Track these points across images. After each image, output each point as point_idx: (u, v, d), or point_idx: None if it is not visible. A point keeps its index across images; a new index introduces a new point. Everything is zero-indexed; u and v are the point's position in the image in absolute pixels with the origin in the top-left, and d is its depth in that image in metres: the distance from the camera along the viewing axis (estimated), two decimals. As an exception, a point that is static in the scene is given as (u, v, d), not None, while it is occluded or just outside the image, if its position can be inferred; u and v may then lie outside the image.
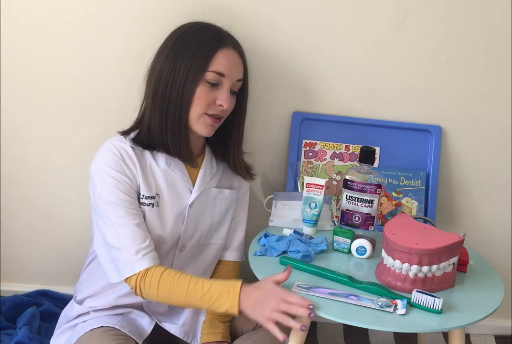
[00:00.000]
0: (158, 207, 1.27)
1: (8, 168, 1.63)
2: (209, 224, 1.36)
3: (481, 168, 1.64)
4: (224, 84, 1.25)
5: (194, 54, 1.23)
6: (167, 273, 1.17)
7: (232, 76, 1.26)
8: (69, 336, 1.29)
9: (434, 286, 1.18)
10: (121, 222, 1.20)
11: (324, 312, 1.07)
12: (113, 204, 1.21)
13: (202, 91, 1.23)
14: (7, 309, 1.60)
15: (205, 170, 1.34)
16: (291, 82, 1.56)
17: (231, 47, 1.27)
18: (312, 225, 1.41)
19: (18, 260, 1.74)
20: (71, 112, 1.57)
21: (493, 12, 1.50)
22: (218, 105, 1.25)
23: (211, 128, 1.27)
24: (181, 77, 1.22)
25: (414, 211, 1.57)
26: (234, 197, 1.42)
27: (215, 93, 1.25)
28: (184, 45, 1.24)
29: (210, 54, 1.23)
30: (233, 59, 1.26)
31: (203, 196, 1.33)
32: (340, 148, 1.60)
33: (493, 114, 1.59)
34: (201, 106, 1.24)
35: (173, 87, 1.23)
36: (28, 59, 1.52)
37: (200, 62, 1.22)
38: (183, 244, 1.32)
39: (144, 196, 1.25)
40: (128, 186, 1.23)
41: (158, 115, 1.24)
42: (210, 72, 1.22)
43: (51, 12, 1.48)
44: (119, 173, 1.22)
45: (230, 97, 1.26)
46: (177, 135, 1.25)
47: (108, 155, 1.23)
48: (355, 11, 1.49)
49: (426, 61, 1.54)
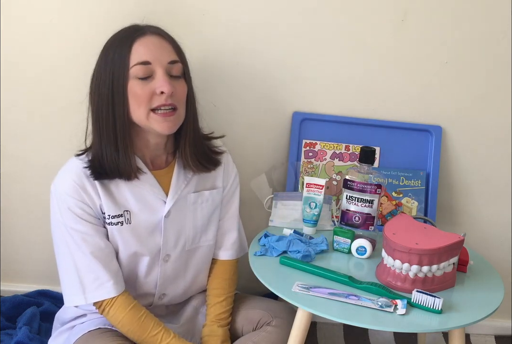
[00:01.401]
0: (129, 224, 1.22)
1: (8, 168, 1.63)
2: (192, 229, 1.30)
3: (481, 168, 1.64)
4: (156, 70, 1.14)
5: (113, 58, 1.15)
6: (132, 313, 1.19)
7: (160, 59, 1.14)
8: (66, 337, 1.29)
9: (434, 286, 1.18)
10: (76, 250, 1.18)
11: (324, 312, 1.07)
12: (71, 230, 1.18)
13: (134, 88, 1.13)
14: (7, 309, 1.60)
15: (177, 177, 1.27)
16: (291, 82, 1.56)
17: (148, 33, 1.16)
18: (312, 225, 1.41)
19: (18, 260, 1.74)
20: (71, 112, 1.57)
21: (493, 12, 1.50)
22: (159, 94, 1.14)
23: (166, 123, 1.16)
24: (106, 85, 1.14)
25: (414, 211, 1.57)
26: (217, 196, 1.34)
27: (151, 84, 1.14)
28: (106, 53, 1.17)
29: (126, 49, 1.13)
30: (154, 43, 1.15)
31: (180, 203, 1.27)
32: (340, 148, 1.60)
33: (493, 114, 1.59)
34: (142, 104, 1.14)
35: (104, 98, 1.15)
36: (28, 59, 1.52)
37: (119, 61, 1.13)
38: (167, 254, 1.28)
39: (110, 216, 1.20)
40: (87, 215, 1.18)
41: (99, 129, 1.18)
42: (134, 66, 1.13)
43: (51, 12, 1.48)
44: (78, 201, 1.17)
45: (168, 80, 1.14)
46: (114, 149, 1.16)
47: (67, 182, 1.18)
48: (355, 11, 1.49)
49: (426, 61, 1.54)
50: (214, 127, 1.45)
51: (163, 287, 1.31)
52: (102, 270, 1.18)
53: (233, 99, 1.57)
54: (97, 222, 1.20)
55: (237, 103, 1.58)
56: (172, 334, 1.22)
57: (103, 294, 1.18)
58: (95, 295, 1.19)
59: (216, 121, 1.54)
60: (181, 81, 1.19)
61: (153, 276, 1.28)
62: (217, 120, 1.55)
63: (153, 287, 1.30)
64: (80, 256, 1.18)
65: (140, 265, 1.26)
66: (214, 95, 1.53)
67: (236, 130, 1.60)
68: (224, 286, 1.37)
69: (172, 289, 1.33)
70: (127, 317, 1.19)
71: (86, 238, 1.18)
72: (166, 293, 1.33)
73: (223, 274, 1.39)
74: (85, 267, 1.18)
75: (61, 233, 1.19)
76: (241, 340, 1.30)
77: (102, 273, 1.18)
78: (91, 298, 1.19)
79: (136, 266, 1.26)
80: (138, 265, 1.26)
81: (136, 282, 1.28)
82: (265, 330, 1.29)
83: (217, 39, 1.51)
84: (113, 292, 1.19)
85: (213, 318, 1.32)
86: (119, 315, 1.19)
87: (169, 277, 1.30)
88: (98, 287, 1.18)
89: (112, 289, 1.18)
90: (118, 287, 1.20)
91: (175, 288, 1.33)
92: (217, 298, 1.35)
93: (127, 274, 1.26)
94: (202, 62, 1.49)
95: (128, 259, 1.24)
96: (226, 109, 1.58)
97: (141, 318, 1.20)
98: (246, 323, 1.34)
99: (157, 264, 1.28)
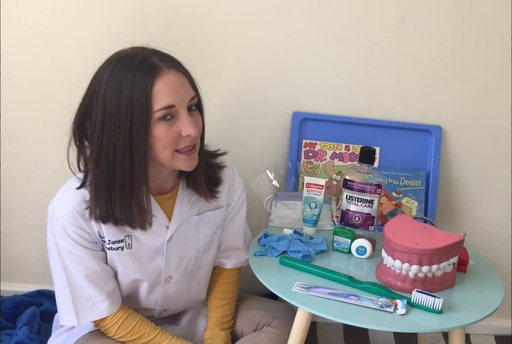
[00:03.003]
0: (130, 249, 1.19)
1: (8, 168, 1.63)
2: (195, 250, 1.28)
3: (481, 168, 1.63)
4: (179, 111, 1.08)
5: (130, 99, 1.04)
6: (127, 321, 1.20)
7: (183, 99, 1.08)
8: (66, 338, 1.29)
9: (434, 286, 1.17)
10: (71, 272, 1.16)
11: (324, 312, 1.07)
12: (66, 253, 1.15)
13: (158, 132, 1.06)
14: (7, 309, 1.60)
15: (181, 201, 1.23)
16: (291, 82, 1.56)
17: (165, 71, 1.06)
18: (312, 225, 1.41)
19: (18, 260, 1.74)
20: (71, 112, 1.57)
21: (493, 12, 1.50)
22: (185, 136, 1.09)
23: (191, 161, 1.13)
24: (124, 129, 1.05)
25: (414, 211, 1.57)
26: (220, 215, 1.31)
27: (175, 126, 1.08)
28: (116, 92, 1.05)
29: (146, 93, 1.04)
30: (174, 83, 1.07)
31: (182, 227, 1.24)
32: (340, 148, 1.60)
33: (493, 114, 1.59)
34: (168, 146, 1.08)
35: (119, 142, 1.06)
36: (28, 59, 1.52)
37: (140, 106, 1.04)
38: (169, 275, 1.26)
39: (110, 241, 1.16)
40: (84, 240, 1.15)
41: (106, 173, 1.08)
42: (158, 111, 1.05)
43: (51, 12, 1.48)
44: (75, 226, 1.14)
45: (193, 122, 1.09)
46: (128, 194, 1.09)
47: (65, 207, 1.13)
48: (355, 11, 1.49)
49: (426, 61, 1.54)
50: (214, 127, 1.45)
51: (164, 304, 1.30)
52: (95, 291, 1.16)
53: (233, 99, 1.57)
54: (94, 247, 1.17)
55: (237, 103, 1.58)
56: (170, 335, 1.22)
57: (95, 315, 1.17)
58: (86, 316, 1.17)
59: (216, 121, 1.54)
60: (197, 114, 1.14)
61: (154, 295, 1.27)
62: (217, 120, 1.55)
63: (154, 305, 1.30)
64: (74, 278, 1.16)
65: (141, 287, 1.25)
66: (214, 95, 1.53)
67: (236, 130, 1.60)
68: (228, 290, 1.37)
69: (173, 305, 1.33)
70: (122, 328, 1.20)
71: (81, 262, 1.15)
72: (168, 309, 1.33)
73: (227, 279, 1.38)
74: (79, 288, 1.16)
75: (56, 254, 1.17)
76: (241, 341, 1.30)
77: (95, 294, 1.16)
78: (83, 319, 1.17)
79: (137, 288, 1.25)
80: (139, 288, 1.25)
81: (137, 301, 1.28)
82: (265, 331, 1.29)
83: (217, 39, 1.51)
84: (105, 312, 1.18)
85: (215, 321, 1.32)
86: (114, 327, 1.20)
87: (170, 296, 1.29)
88: (91, 308, 1.17)
89: (105, 309, 1.17)
90: (112, 307, 1.18)
91: (176, 304, 1.33)
92: (220, 301, 1.35)
93: (127, 295, 1.25)
94: (202, 62, 1.49)
95: (128, 284, 1.23)
96: (226, 109, 1.58)
97: (136, 326, 1.20)
98: (246, 324, 1.34)
99: (158, 286, 1.26)
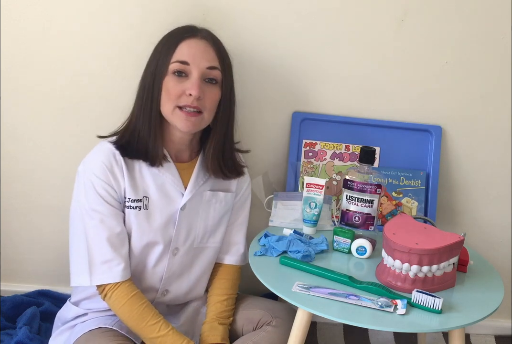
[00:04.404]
0: (146, 209, 1.26)
1: (8, 168, 1.63)
2: (203, 227, 1.34)
3: (481, 168, 1.64)
4: (192, 72, 1.22)
5: (160, 51, 1.25)
6: (134, 300, 1.20)
7: (199, 63, 1.22)
8: (67, 337, 1.30)
9: (434, 286, 1.18)
10: (93, 231, 1.21)
11: (324, 312, 1.07)
12: (91, 212, 1.21)
13: (169, 84, 1.22)
14: (7, 309, 1.60)
15: (197, 173, 1.32)
16: (291, 82, 1.56)
17: (198, 37, 1.25)
18: (312, 225, 1.41)
19: (18, 260, 1.74)
20: (71, 112, 1.57)
21: (493, 12, 1.50)
22: (188, 95, 1.21)
23: (187, 122, 1.22)
24: (150, 74, 1.24)
25: (414, 211, 1.57)
26: (231, 200, 1.39)
27: (183, 84, 1.22)
28: (158, 45, 1.27)
29: (172, 46, 1.23)
30: (198, 47, 1.23)
31: (195, 199, 1.32)
32: (340, 148, 1.60)
33: (493, 114, 1.59)
34: (171, 99, 1.22)
35: (146, 84, 1.25)
36: (28, 59, 1.52)
37: (164, 55, 1.23)
38: (176, 247, 1.31)
39: (130, 199, 1.24)
40: (110, 197, 1.23)
41: (137, 111, 1.26)
42: (174, 63, 1.21)
43: (51, 12, 1.47)
44: (104, 183, 1.22)
45: (199, 84, 1.21)
46: (148, 132, 1.24)
47: (97, 163, 1.23)
48: (356, 11, 1.49)
49: (426, 61, 1.54)
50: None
51: (167, 282, 1.32)
52: (113, 254, 1.21)
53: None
54: (118, 205, 1.24)
55: (237, 103, 1.57)
56: (170, 326, 1.22)
57: (108, 278, 1.21)
58: (100, 278, 1.21)
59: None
60: (214, 87, 1.25)
61: (160, 268, 1.30)
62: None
63: (158, 281, 1.31)
64: (95, 238, 1.21)
65: (151, 255, 1.28)
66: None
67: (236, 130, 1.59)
68: (227, 286, 1.38)
69: (175, 286, 1.34)
70: (128, 303, 1.20)
71: (105, 220, 1.21)
72: (170, 290, 1.34)
73: (227, 275, 1.40)
74: (98, 249, 1.21)
75: (81, 214, 1.22)
76: (241, 339, 1.30)
77: (113, 257, 1.21)
78: (96, 280, 1.21)
79: (146, 256, 1.28)
80: (148, 256, 1.28)
81: (143, 273, 1.30)
82: (265, 330, 1.30)
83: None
84: (118, 277, 1.21)
85: (213, 315, 1.33)
86: (121, 301, 1.21)
87: (175, 272, 1.32)
88: (106, 270, 1.20)
89: (119, 274, 1.21)
90: (125, 273, 1.22)
91: (179, 285, 1.35)
92: (219, 297, 1.36)
93: (136, 264, 1.28)
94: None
95: (141, 249, 1.26)
96: (226, 109, 1.58)
97: (141, 306, 1.21)
98: (246, 323, 1.35)
99: (166, 257, 1.30)
